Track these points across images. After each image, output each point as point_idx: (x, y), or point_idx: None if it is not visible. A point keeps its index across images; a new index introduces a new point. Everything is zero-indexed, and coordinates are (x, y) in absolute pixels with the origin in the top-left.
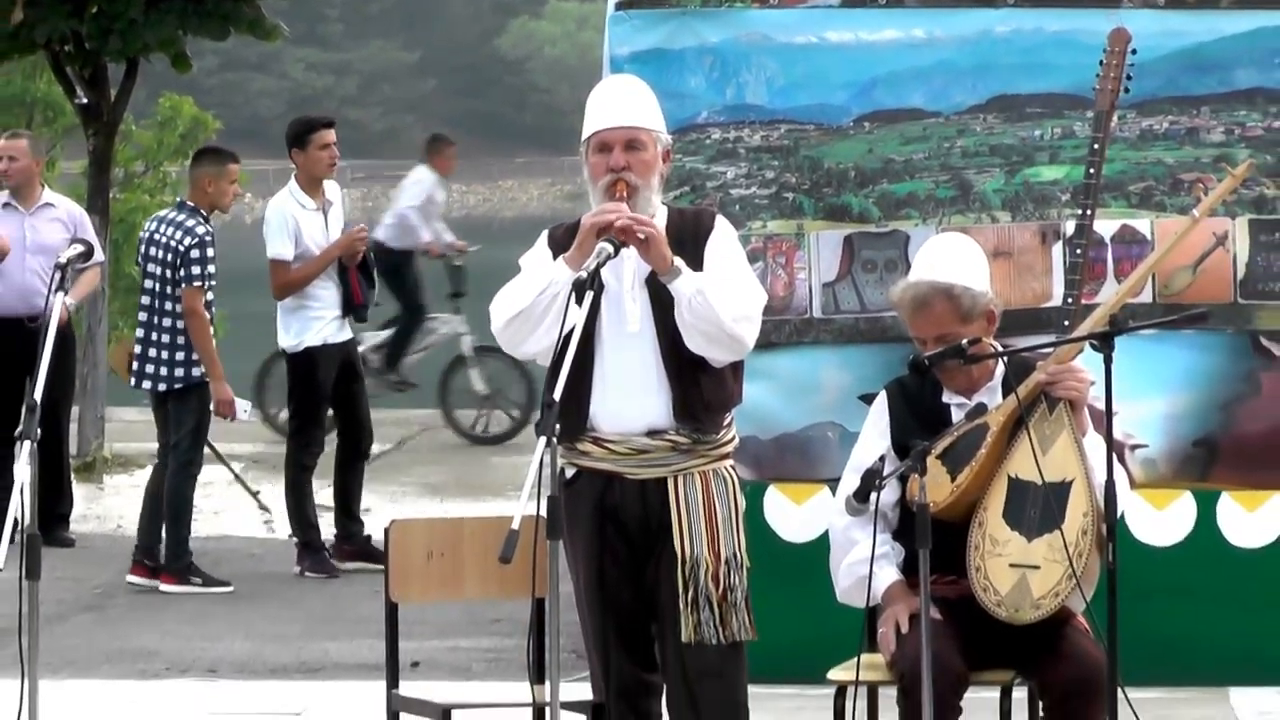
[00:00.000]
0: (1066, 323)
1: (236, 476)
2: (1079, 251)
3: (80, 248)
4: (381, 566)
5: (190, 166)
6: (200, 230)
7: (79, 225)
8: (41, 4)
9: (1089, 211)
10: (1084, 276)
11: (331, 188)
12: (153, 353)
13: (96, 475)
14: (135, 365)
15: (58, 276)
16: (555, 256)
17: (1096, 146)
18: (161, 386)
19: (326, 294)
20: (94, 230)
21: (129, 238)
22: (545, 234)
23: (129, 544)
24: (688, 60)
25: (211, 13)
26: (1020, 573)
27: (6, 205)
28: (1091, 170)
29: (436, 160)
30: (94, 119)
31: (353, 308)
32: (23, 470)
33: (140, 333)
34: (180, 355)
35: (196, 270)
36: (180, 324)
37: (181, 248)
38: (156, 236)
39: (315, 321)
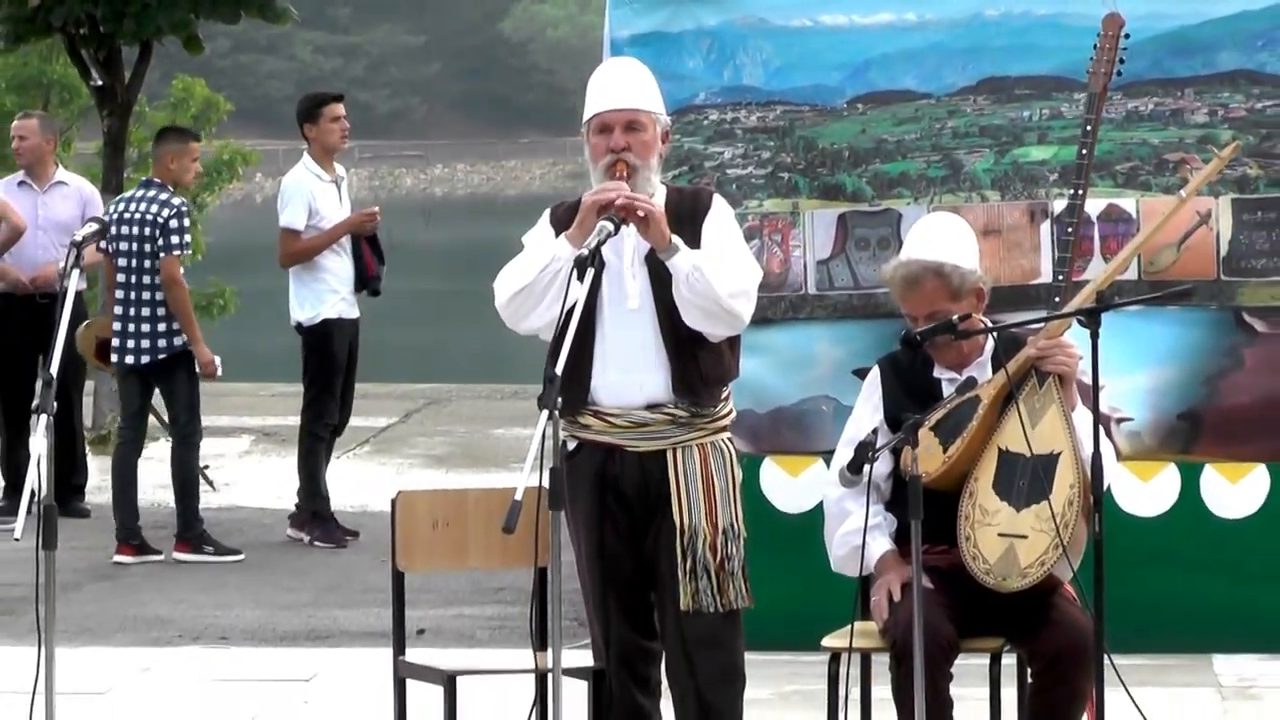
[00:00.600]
0: (1057, 299)
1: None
2: (1070, 230)
3: (95, 226)
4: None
5: (154, 145)
6: (176, 201)
7: (90, 203)
8: None
9: (1080, 191)
10: (1074, 254)
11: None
12: (133, 328)
13: (111, 448)
14: (116, 342)
15: (72, 255)
16: (557, 234)
17: (1089, 128)
18: (145, 359)
19: (340, 268)
20: (107, 208)
21: None
22: (547, 212)
23: (142, 514)
24: (686, 43)
25: None
26: (1008, 542)
27: (21, 184)
28: (1083, 151)
29: None
30: (108, 100)
31: (365, 280)
32: (39, 443)
33: (119, 310)
34: (162, 326)
35: (175, 240)
36: (160, 296)
37: (160, 219)
38: (126, 215)
39: (330, 295)
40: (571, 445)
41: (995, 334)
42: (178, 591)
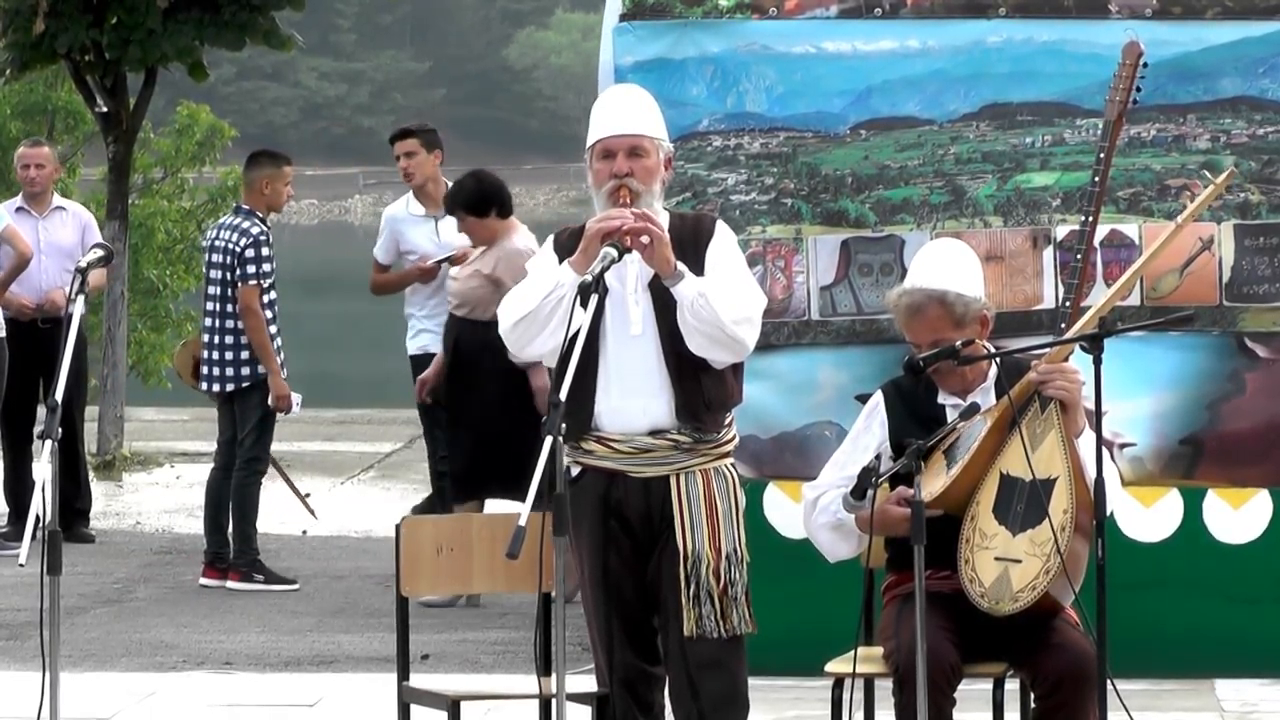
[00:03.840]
0: (1063, 325)
1: (285, 479)
2: (1078, 256)
3: (100, 252)
4: None
5: (245, 170)
6: (255, 230)
7: (89, 228)
8: (62, 15)
9: (1091, 218)
10: (1083, 280)
11: None
12: (217, 355)
13: (116, 473)
14: (204, 369)
15: (77, 281)
16: (560, 260)
17: (1102, 155)
18: (229, 387)
19: (426, 304)
20: (114, 233)
21: (147, 242)
22: (551, 238)
23: (147, 540)
24: (689, 69)
25: (228, 23)
26: (1003, 566)
27: (20, 210)
28: (1096, 179)
29: None
30: (113, 127)
31: None
32: (44, 468)
33: (205, 337)
34: (245, 355)
35: (251, 269)
36: (240, 324)
37: (237, 248)
38: (217, 243)
39: (414, 331)
40: (575, 471)
41: (998, 359)
42: (182, 617)
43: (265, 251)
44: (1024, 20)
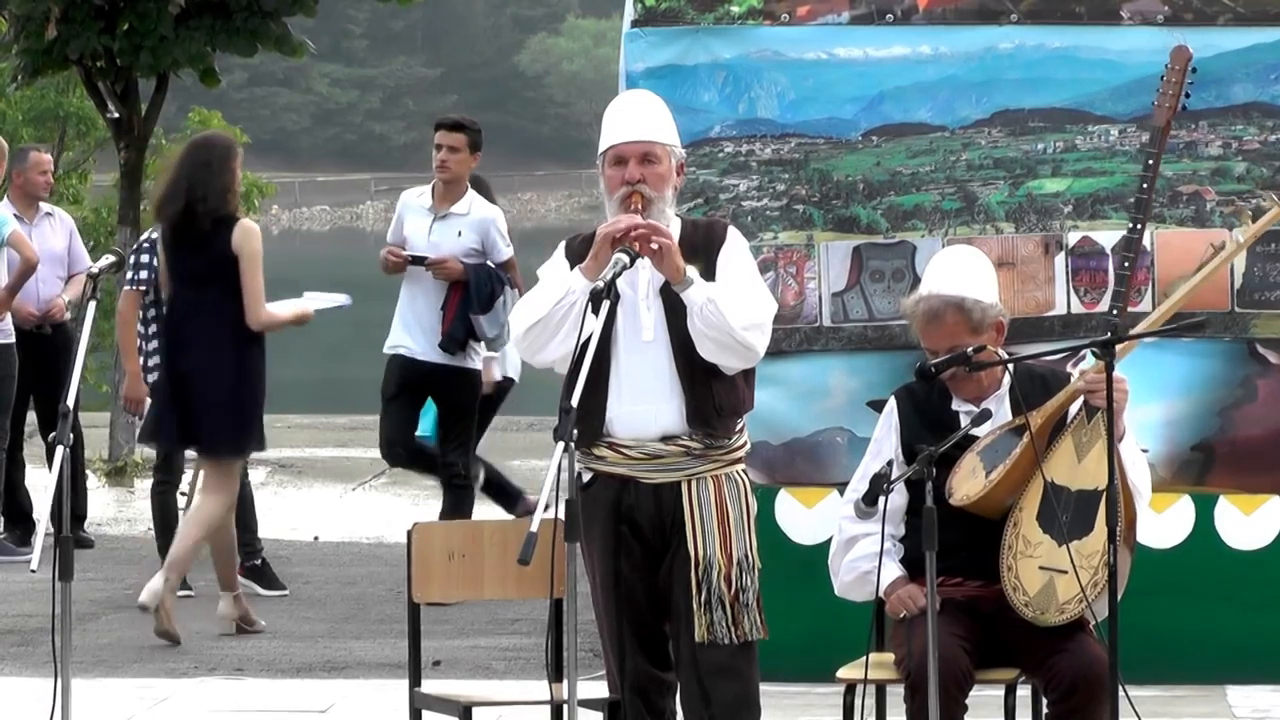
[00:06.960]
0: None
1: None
2: (1126, 265)
3: (111, 258)
4: None
5: None
6: (144, 236)
7: (74, 233)
8: (74, 21)
9: (1139, 225)
10: (1130, 288)
11: (469, 201)
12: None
13: (127, 480)
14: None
15: (89, 287)
16: (572, 267)
17: (1150, 162)
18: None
19: (409, 305)
20: (126, 239)
21: None
22: (563, 245)
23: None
24: (701, 76)
25: (239, 29)
26: (1048, 575)
27: (14, 216)
28: (1144, 186)
29: None
30: (125, 133)
31: (442, 334)
32: (55, 474)
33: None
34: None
35: (129, 274)
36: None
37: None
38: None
39: (395, 328)
40: (587, 477)
41: (1011, 366)
42: (194, 622)
43: (143, 259)
44: (1036, 26)
